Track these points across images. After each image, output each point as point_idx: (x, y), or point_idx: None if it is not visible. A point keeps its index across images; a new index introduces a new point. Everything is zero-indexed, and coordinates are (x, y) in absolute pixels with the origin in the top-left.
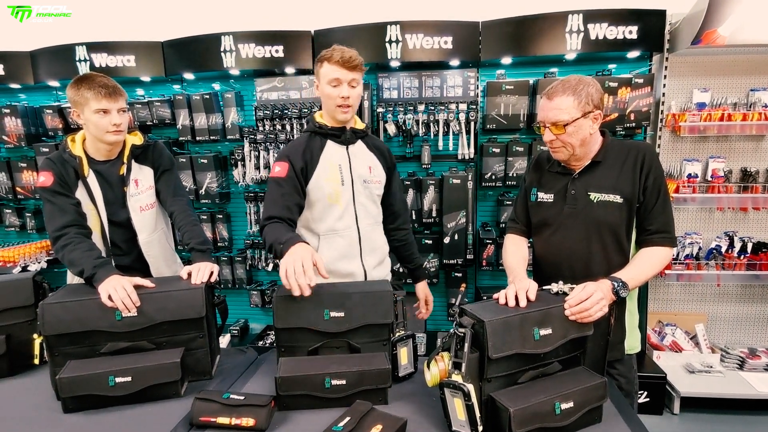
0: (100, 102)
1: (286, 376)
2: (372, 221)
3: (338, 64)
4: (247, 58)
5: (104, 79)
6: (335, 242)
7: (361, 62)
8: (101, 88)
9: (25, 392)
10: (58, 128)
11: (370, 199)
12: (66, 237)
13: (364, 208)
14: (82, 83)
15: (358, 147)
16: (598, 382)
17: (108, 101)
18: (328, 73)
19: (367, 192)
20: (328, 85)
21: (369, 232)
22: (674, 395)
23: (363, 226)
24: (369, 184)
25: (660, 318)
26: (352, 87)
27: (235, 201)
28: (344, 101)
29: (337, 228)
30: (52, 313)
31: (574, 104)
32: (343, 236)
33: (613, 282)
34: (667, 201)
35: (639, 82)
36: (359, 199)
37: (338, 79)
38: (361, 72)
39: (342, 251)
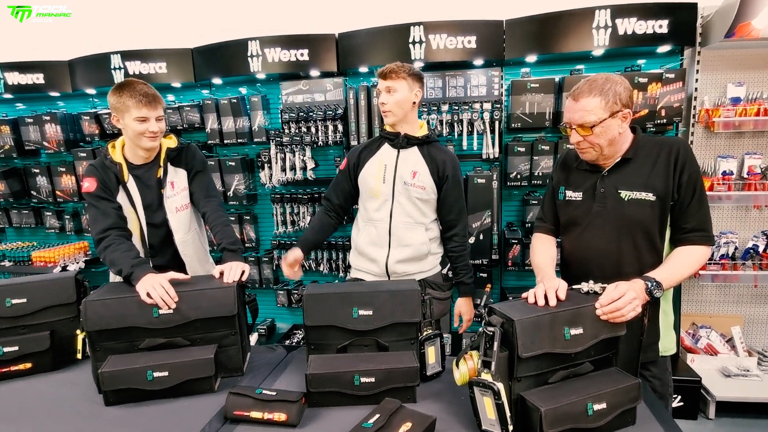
0: (140, 110)
1: (316, 374)
2: (409, 220)
3: (378, 76)
4: (273, 62)
5: (145, 86)
6: (368, 229)
7: (396, 73)
8: (142, 97)
9: (68, 386)
10: (94, 134)
11: (409, 201)
12: (108, 239)
13: (401, 207)
14: (124, 90)
15: (410, 152)
16: (632, 384)
17: (147, 109)
18: (378, 86)
19: (407, 193)
20: (377, 96)
21: (401, 229)
22: (709, 399)
23: (396, 222)
24: (410, 187)
25: (694, 320)
26: (389, 94)
27: (262, 202)
28: (382, 107)
29: (373, 218)
30: (94, 310)
31: (601, 104)
32: (376, 226)
33: (646, 282)
34: (703, 198)
35: (670, 77)
36: (398, 198)
37: (379, 90)
38: (394, 79)
39: (372, 239)
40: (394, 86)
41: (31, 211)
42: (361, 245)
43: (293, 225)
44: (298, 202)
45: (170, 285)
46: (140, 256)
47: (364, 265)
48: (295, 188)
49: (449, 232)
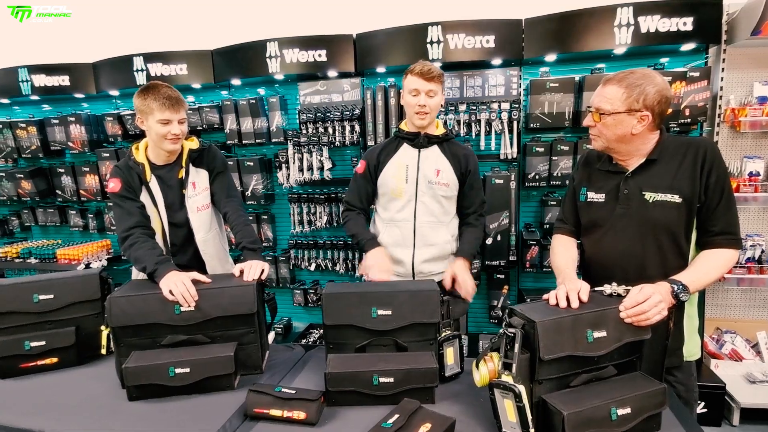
0: (163, 113)
1: (335, 373)
2: (433, 219)
3: (418, 75)
4: (291, 63)
5: (168, 90)
6: (392, 230)
7: (440, 75)
8: (165, 100)
9: (93, 380)
10: (117, 134)
11: (434, 199)
12: (132, 237)
13: (425, 206)
14: (149, 93)
15: (432, 151)
16: (657, 389)
17: (170, 112)
18: (409, 84)
19: (431, 192)
20: (409, 94)
21: (426, 229)
22: (733, 406)
23: (421, 222)
24: (434, 185)
25: (718, 325)
26: (430, 97)
27: (279, 202)
28: (421, 109)
29: (396, 219)
30: (119, 307)
31: (621, 97)
32: (399, 227)
33: (672, 284)
34: (731, 200)
35: (694, 76)
36: (422, 198)
37: (417, 90)
38: (438, 83)
39: (396, 239)
40: (435, 90)
41: (56, 209)
42: (386, 246)
43: (310, 225)
44: (314, 202)
45: (192, 283)
46: (164, 254)
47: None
48: (312, 188)
49: (463, 217)
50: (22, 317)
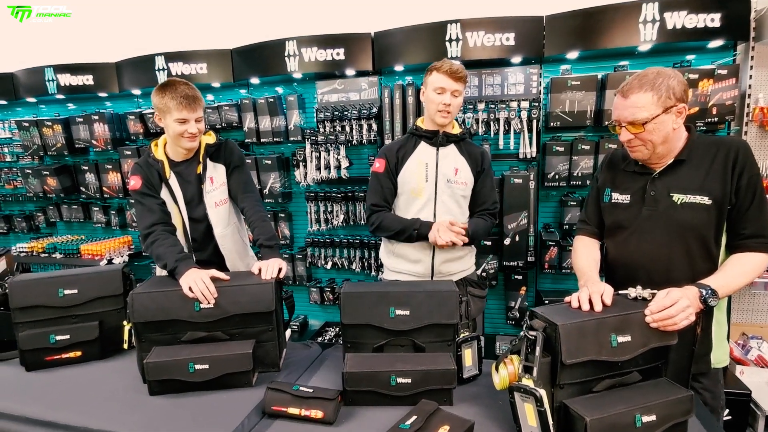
0: (180, 112)
1: (353, 372)
2: (451, 218)
3: (446, 74)
4: (309, 62)
5: (186, 88)
6: None
7: (466, 76)
8: (182, 99)
9: (115, 374)
10: (139, 132)
11: (452, 198)
12: (154, 234)
13: (444, 206)
14: (166, 92)
15: (449, 150)
16: (684, 396)
17: (187, 111)
18: (435, 81)
19: (449, 191)
20: (433, 91)
21: None
22: (759, 414)
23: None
24: (453, 184)
25: (744, 330)
26: (454, 96)
27: (296, 200)
28: (445, 107)
29: None
30: (141, 302)
31: (653, 100)
32: None
33: (701, 289)
34: (763, 202)
35: (722, 74)
36: (441, 197)
37: (443, 88)
38: (464, 84)
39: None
40: (461, 90)
41: (80, 206)
42: (401, 247)
43: (327, 223)
44: (331, 201)
45: (211, 281)
46: (184, 250)
47: (405, 267)
48: (329, 187)
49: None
50: (48, 311)
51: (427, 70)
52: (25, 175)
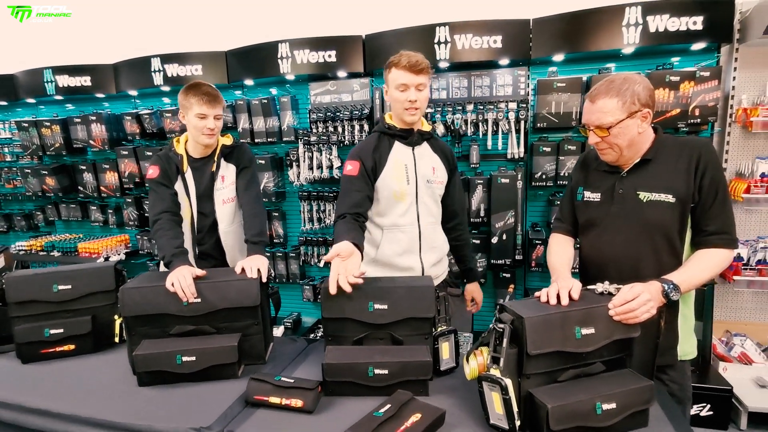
0: (201, 107)
1: (332, 363)
2: (433, 220)
3: (405, 69)
4: (302, 64)
5: (209, 88)
6: (397, 237)
7: (428, 66)
8: (204, 95)
9: (107, 367)
10: (136, 133)
11: (432, 199)
12: (160, 222)
13: (426, 207)
14: (191, 90)
15: (424, 148)
16: (644, 385)
17: (207, 107)
18: (396, 78)
19: (429, 191)
20: (396, 89)
21: (429, 231)
22: (741, 410)
23: (424, 224)
24: (432, 184)
25: (728, 327)
26: (419, 90)
27: (290, 200)
28: (412, 104)
29: (400, 224)
30: (130, 297)
31: (618, 105)
32: (404, 232)
33: (663, 284)
34: (726, 200)
35: (704, 76)
36: (422, 198)
37: (405, 84)
38: (427, 75)
39: (403, 246)
40: (425, 82)
41: (78, 205)
42: (388, 256)
43: (320, 222)
44: (324, 200)
45: (192, 282)
46: (184, 244)
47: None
48: (322, 186)
49: (453, 221)
50: (43, 306)
51: (385, 67)
52: (24, 174)
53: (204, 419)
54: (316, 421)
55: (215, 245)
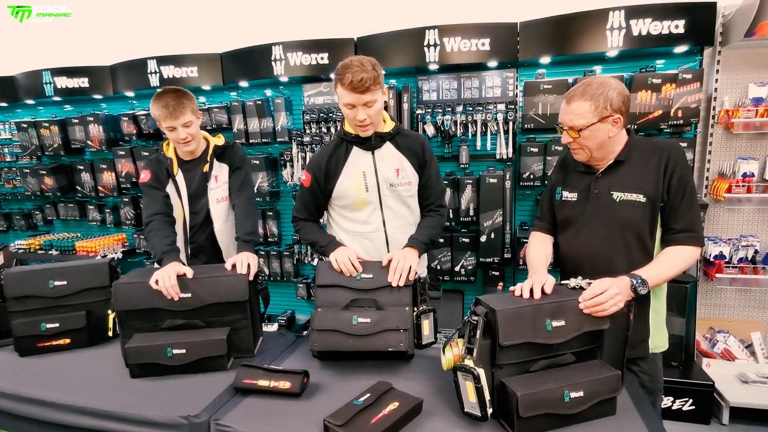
0: (165, 120)
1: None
2: (402, 223)
3: (349, 89)
4: (295, 66)
5: (170, 97)
6: (363, 243)
7: (374, 78)
8: (163, 109)
9: (101, 360)
10: (132, 133)
11: (399, 201)
12: (153, 223)
13: (392, 211)
14: (154, 102)
15: (386, 150)
16: (611, 375)
17: (171, 120)
18: (342, 96)
19: (395, 195)
20: (344, 107)
21: (398, 234)
22: (723, 405)
23: (391, 228)
24: (396, 187)
25: (711, 324)
26: (368, 107)
27: (284, 199)
28: (361, 123)
29: (363, 231)
30: (123, 292)
31: (590, 109)
32: (369, 238)
33: (632, 279)
34: (693, 200)
35: (687, 78)
36: (387, 202)
37: (351, 104)
38: (374, 90)
39: (368, 251)
40: (373, 98)
41: (76, 204)
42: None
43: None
44: None
45: (176, 282)
46: (175, 243)
47: None
48: None
49: (428, 207)
50: (39, 301)
51: (334, 79)
52: (23, 174)
53: (193, 408)
54: (301, 406)
55: (209, 243)
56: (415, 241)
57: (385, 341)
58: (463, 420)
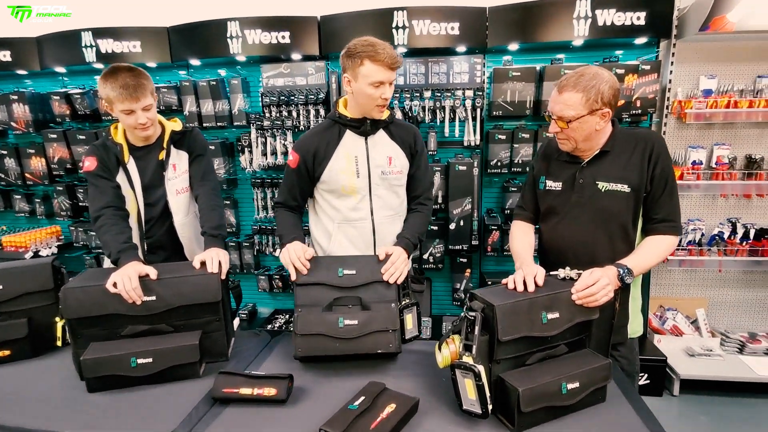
0: (123, 103)
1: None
2: (391, 213)
3: (385, 65)
4: (253, 44)
5: (128, 76)
6: (348, 231)
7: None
8: (122, 90)
9: (50, 373)
10: (65, 114)
11: (389, 191)
12: (103, 218)
13: (381, 200)
14: (107, 81)
15: (379, 137)
16: (603, 364)
17: (130, 102)
18: (371, 74)
19: (385, 184)
20: (369, 85)
21: (385, 224)
22: (674, 378)
23: (378, 217)
24: (388, 175)
25: (661, 303)
26: (391, 86)
27: (242, 187)
28: (385, 101)
29: (351, 218)
30: (75, 298)
31: (581, 101)
32: (356, 227)
33: (618, 269)
34: (674, 191)
35: (646, 69)
36: (377, 191)
37: (382, 81)
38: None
39: (354, 241)
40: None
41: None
42: (339, 249)
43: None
44: (278, 187)
45: (138, 285)
46: (131, 239)
47: None
48: (277, 173)
49: (416, 201)
50: None
51: (352, 56)
52: None
53: (167, 423)
54: (290, 413)
55: (167, 238)
56: (405, 241)
57: (373, 343)
58: (460, 417)
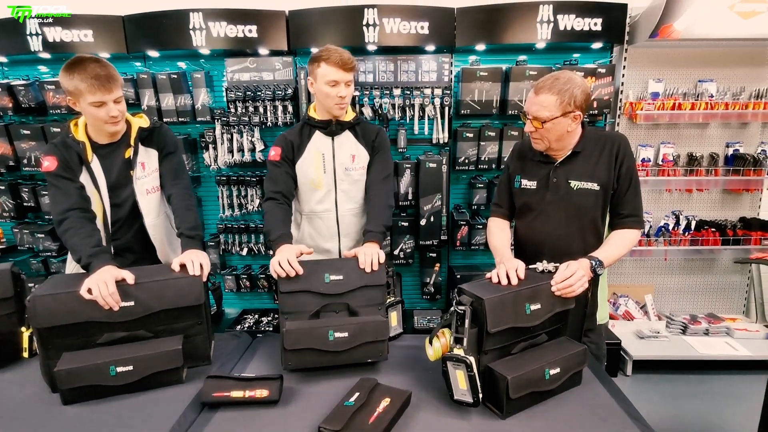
0: (94, 95)
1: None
2: (356, 206)
3: (336, 65)
4: (218, 38)
5: (98, 66)
6: (315, 222)
7: (355, 62)
8: (93, 80)
9: (16, 386)
10: (7, 108)
11: (353, 186)
12: (68, 221)
13: (345, 195)
14: (75, 72)
15: (345, 137)
16: (580, 350)
17: (102, 93)
18: (326, 74)
19: (349, 179)
20: (326, 85)
21: (348, 216)
22: (627, 359)
23: (343, 210)
24: (351, 171)
25: (615, 290)
26: (347, 87)
27: (206, 185)
28: (342, 100)
29: (317, 210)
30: (44, 306)
31: (555, 103)
32: (322, 218)
33: (591, 261)
34: (637, 187)
35: (602, 72)
36: (341, 186)
37: (336, 81)
38: (354, 72)
39: (320, 231)
40: (352, 79)
41: None
42: (308, 238)
43: (240, 208)
44: (245, 185)
45: (115, 290)
46: (101, 242)
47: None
48: (243, 170)
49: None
50: None
51: (313, 60)
52: None
53: None
54: (284, 413)
55: (136, 240)
56: (372, 235)
57: (363, 353)
58: (451, 407)
